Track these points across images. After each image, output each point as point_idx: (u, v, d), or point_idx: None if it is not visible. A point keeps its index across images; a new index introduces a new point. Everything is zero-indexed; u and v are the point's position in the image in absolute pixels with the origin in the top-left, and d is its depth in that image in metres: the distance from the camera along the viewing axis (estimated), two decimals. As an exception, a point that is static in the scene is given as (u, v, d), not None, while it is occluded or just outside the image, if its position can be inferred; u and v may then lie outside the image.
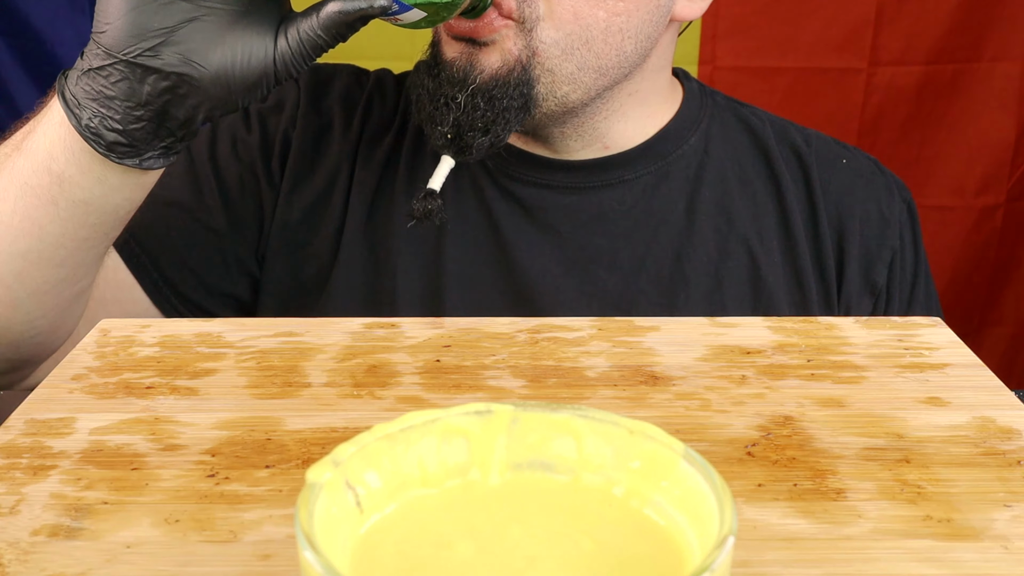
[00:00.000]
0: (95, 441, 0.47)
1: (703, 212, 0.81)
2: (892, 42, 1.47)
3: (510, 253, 0.80)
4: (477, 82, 0.71)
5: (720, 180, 0.83)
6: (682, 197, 0.82)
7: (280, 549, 0.39)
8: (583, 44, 0.72)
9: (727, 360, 0.55)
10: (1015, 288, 1.61)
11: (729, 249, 0.81)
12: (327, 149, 0.83)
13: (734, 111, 0.87)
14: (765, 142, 0.85)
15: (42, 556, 0.39)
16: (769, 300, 0.80)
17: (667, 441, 0.34)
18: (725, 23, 1.47)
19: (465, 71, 0.72)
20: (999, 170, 1.54)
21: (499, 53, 0.71)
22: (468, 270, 0.80)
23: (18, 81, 1.51)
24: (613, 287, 0.79)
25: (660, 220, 0.81)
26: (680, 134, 0.83)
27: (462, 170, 0.81)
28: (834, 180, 0.84)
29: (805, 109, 1.48)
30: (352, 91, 0.87)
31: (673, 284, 0.79)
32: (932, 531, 0.41)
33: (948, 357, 0.55)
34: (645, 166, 0.82)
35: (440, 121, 0.72)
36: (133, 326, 0.59)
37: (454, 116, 0.72)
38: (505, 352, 0.55)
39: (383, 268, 0.81)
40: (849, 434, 0.47)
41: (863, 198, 0.84)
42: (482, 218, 0.81)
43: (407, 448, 0.35)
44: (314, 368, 0.54)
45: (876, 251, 0.83)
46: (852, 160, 0.87)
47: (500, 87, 0.71)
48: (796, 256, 0.81)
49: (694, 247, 0.80)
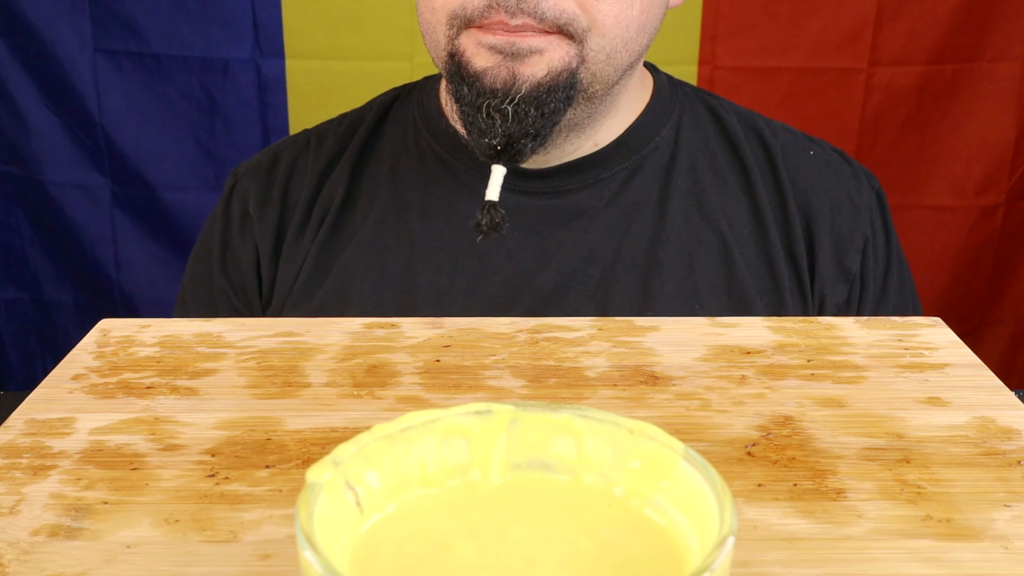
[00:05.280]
0: (95, 441, 0.47)
1: (675, 200, 0.82)
2: (892, 42, 1.47)
3: (488, 261, 0.80)
4: (523, 91, 0.71)
5: (691, 169, 0.84)
6: (655, 187, 0.83)
7: (280, 549, 0.39)
8: (623, 46, 0.74)
9: (727, 360, 0.55)
10: (1015, 288, 1.61)
11: (701, 236, 0.82)
12: (290, 224, 0.85)
13: (703, 101, 0.88)
14: (732, 132, 0.86)
15: (42, 556, 0.39)
16: (742, 286, 0.81)
17: (667, 441, 0.34)
18: (725, 23, 1.47)
19: (507, 82, 0.71)
20: (999, 170, 1.54)
21: (545, 63, 0.71)
22: (444, 282, 0.80)
23: (18, 81, 1.51)
24: (590, 278, 0.80)
25: (635, 210, 0.82)
26: (652, 126, 0.84)
27: (431, 186, 0.82)
28: (801, 170, 0.85)
29: (805, 109, 1.48)
30: (296, 161, 0.87)
31: (648, 271, 0.80)
32: (932, 531, 0.41)
33: (948, 357, 0.55)
34: (620, 162, 0.83)
35: (487, 133, 0.72)
36: (133, 326, 0.59)
37: (503, 127, 0.72)
38: (505, 352, 0.55)
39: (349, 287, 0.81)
40: (849, 434, 0.47)
41: (831, 187, 0.85)
42: (452, 231, 0.81)
43: (407, 448, 0.35)
44: (314, 368, 0.54)
45: (848, 238, 0.84)
46: (819, 151, 0.88)
47: (547, 93, 0.72)
48: (767, 243, 0.82)
49: (667, 234, 0.81)
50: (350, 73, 1.48)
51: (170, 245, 1.58)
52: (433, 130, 0.85)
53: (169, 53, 1.48)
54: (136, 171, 1.54)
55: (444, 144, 0.84)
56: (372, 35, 1.48)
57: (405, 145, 0.86)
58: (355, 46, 1.49)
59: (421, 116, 0.86)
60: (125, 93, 1.50)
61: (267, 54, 1.49)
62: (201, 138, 1.53)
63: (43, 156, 1.54)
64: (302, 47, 1.49)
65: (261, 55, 1.49)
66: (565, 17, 0.71)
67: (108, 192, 1.55)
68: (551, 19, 0.70)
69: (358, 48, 1.49)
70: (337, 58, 1.49)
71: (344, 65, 1.49)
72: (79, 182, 1.55)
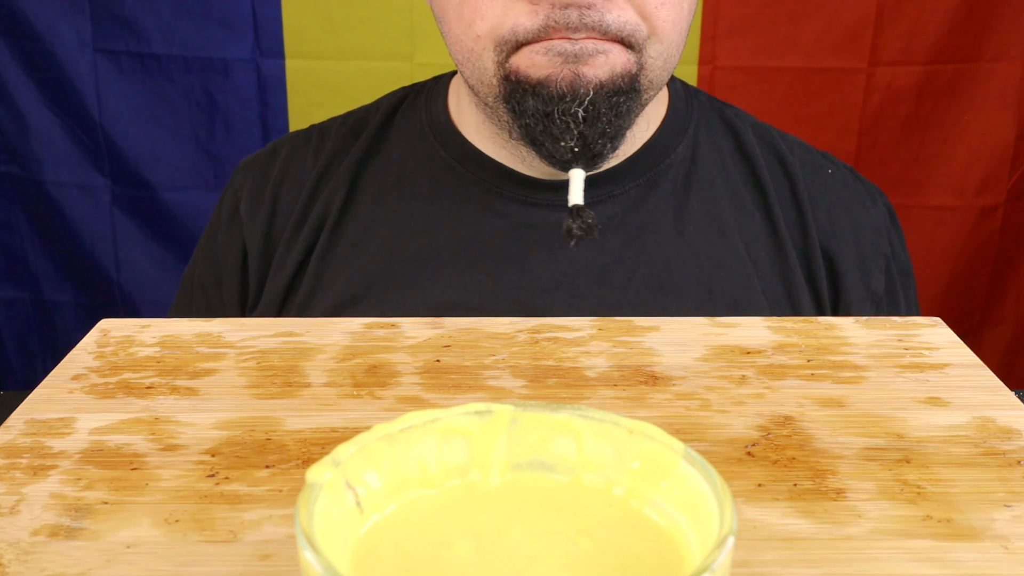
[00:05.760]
0: (95, 441, 0.47)
1: (691, 222, 0.80)
2: (892, 42, 1.47)
3: (497, 276, 0.78)
4: (592, 93, 0.70)
5: (708, 189, 0.81)
6: (670, 207, 0.80)
7: (280, 549, 0.39)
8: (676, 50, 0.74)
9: (727, 360, 0.55)
10: (1015, 288, 1.61)
11: (719, 259, 0.79)
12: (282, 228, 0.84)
13: (719, 113, 0.86)
14: (749, 148, 0.84)
15: (42, 556, 0.39)
16: (759, 309, 0.79)
17: (667, 441, 0.34)
18: (725, 23, 1.47)
19: (574, 84, 0.70)
20: (999, 170, 1.54)
21: (608, 66, 0.70)
22: (451, 296, 0.78)
23: (18, 81, 1.51)
24: (603, 300, 0.77)
25: (648, 231, 0.79)
26: (669, 142, 0.82)
27: (438, 195, 0.81)
28: (821, 191, 0.84)
29: (805, 109, 1.48)
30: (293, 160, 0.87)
31: (663, 295, 0.78)
32: (932, 531, 0.41)
33: (948, 357, 0.55)
34: (634, 179, 0.80)
35: (562, 137, 0.71)
36: (133, 326, 0.59)
37: (578, 129, 0.71)
38: (505, 352, 0.55)
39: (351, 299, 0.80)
40: (849, 434, 0.47)
41: (851, 207, 0.84)
42: (459, 243, 0.79)
43: (407, 448, 0.35)
44: (314, 368, 0.54)
45: (872, 260, 0.83)
46: (835, 170, 0.87)
47: (616, 93, 0.71)
48: (785, 265, 0.80)
49: (683, 257, 0.79)
50: (350, 73, 1.48)
51: (170, 245, 1.58)
52: (440, 136, 0.82)
53: (169, 53, 1.48)
54: (136, 171, 1.54)
55: (452, 151, 0.82)
56: (372, 35, 1.48)
57: (412, 151, 0.83)
58: (355, 46, 1.49)
59: (428, 120, 0.84)
60: (125, 93, 1.50)
61: (267, 54, 1.49)
62: (201, 138, 1.53)
63: (43, 156, 1.54)
64: (302, 47, 1.49)
65: (261, 55, 1.49)
66: (628, 28, 0.70)
67: (108, 192, 1.55)
68: (615, 30, 0.69)
69: (358, 48, 1.49)
70: (337, 58, 1.49)
71: (344, 65, 1.49)
72: (79, 182, 1.55)
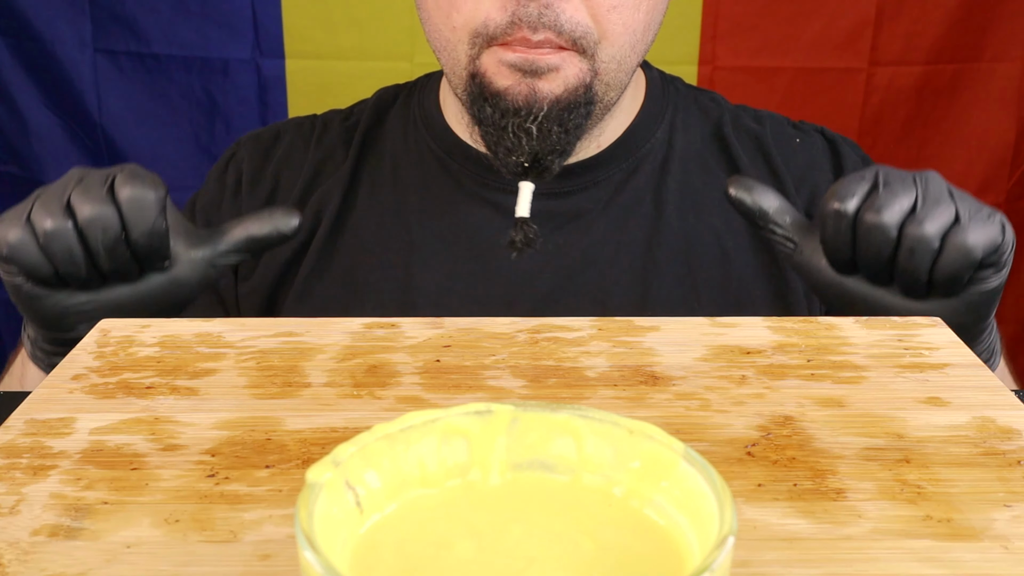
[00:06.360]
0: (95, 441, 0.47)
1: (669, 202, 0.83)
2: (892, 42, 1.47)
3: (486, 263, 0.81)
4: (545, 109, 0.73)
5: (683, 170, 0.84)
6: (648, 189, 0.83)
7: (280, 549, 0.39)
8: (631, 50, 0.75)
9: (727, 360, 0.55)
10: (1015, 288, 1.60)
11: (696, 235, 0.82)
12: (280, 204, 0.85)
13: (695, 99, 0.89)
14: (722, 130, 0.87)
15: (42, 556, 0.39)
16: (740, 279, 0.81)
17: (667, 441, 0.34)
18: (725, 23, 1.47)
19: (528, 100, 0.73)
20: (999, 170, 1.54)
21: (561, 80, 0.73)
22: (443, 283, 0.81)
23: (18, 81, 1.50)
24: (589, 281, 0.80)
25: (630, 213, 0.83)
26: (648, 127, 0.85)
27: (431, 187, 0.82)
28: (794, 155, 0.86)
29: (805, 109, 1.48)
30: (295, 145, 0.88)
31: (646, 273, 0.81)
32: (932, 531, 0.41)
33: (948, 357, 0.55)
34: (616, 164, 0.83)
35: (514, 151, 0.74)
36: (133, 326, 0.59)
37: (528, 145, 0.73)
38: (505, 352, 0.55)
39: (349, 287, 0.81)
40: (849, 434, 0.47)
41: (825, 167, 0.86)
42: (452, 232, 0.82)
43: (407, 448, 0.35)
44: (314, 368, 0.54)
45: None
46: (803, 138, 0.89)
47: (567, 109, 0.73)
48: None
49: (663, 236, 0.82)
50: (350, 73, 1.48)
51: (170, 245, 1.58)
52: (432, 130, 0.85)
53: (169, 53, 1.48)
54: (136, 171, 1.54)
55: (443, 144, 0.84)
56: (372, 35, 1.48)
57: (406, 144, 0.86)
58: (355, 46, 1.49)
59: (421, 115, 0.87)
60: (125, 93, 1.50)
61: (267, 54, 1.49)
62: (201, 138, 1.53)
63: (43, 156, 1.54)
64: (302, 47, 1.49)
65: (261, 55, 1.49)
66: (580, 30, 0.72)
67: (108, 192, 1.55)
68: (568, 32, 0.71)
69: (358, 48, 1.49)
70: (337, 58, 1.49)
71: (344, 65, 1.49)
72: (79, 182, 1.55)
